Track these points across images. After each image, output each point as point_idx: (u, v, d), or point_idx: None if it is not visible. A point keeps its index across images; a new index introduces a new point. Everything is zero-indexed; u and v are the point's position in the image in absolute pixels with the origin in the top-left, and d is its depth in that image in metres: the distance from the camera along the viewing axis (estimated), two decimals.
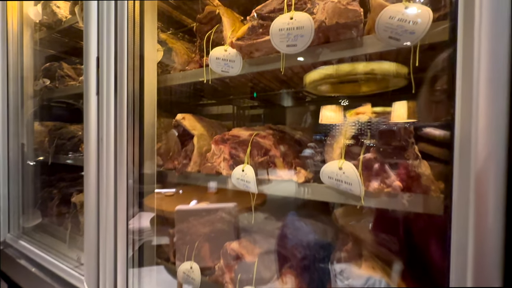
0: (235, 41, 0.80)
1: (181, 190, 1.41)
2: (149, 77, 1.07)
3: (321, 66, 0.84)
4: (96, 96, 1.04)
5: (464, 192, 0.47)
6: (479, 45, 0.47)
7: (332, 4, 0.64)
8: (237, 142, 0.89)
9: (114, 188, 0.97)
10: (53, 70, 1.59)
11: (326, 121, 1.49)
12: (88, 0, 1.05)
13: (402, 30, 0.61)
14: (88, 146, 1.04)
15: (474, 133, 0.46)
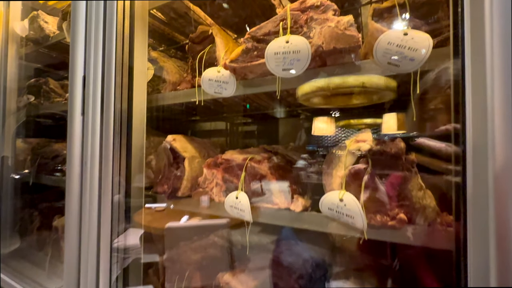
0: (228, 63, 0.77)
1: (172, 205, 1.34)
2: (138, 97, 1.02)
3: (313, 79, 0.82)
4: (81, 117, 0.98)
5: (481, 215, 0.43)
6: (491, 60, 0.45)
7: (329, 29, 0.62)
8: (231, 167, 0.85)
9: (97, 218, 0.90)
10: (39, 86, 1.53)
11: (319, 132, 1.46)
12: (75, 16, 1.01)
13: (402, 56, 0.59)
14: (70, 170, 0.97)
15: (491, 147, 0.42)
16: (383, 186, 0.60)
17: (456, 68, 0.49)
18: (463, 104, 0.46)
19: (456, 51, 0.50)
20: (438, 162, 0.64)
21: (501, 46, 0.44)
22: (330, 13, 0.64)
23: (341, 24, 0.61)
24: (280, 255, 0.97)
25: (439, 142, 0.66)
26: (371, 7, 0.69)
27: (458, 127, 0.48)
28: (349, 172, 0.61)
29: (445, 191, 0.61)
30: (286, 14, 0.69)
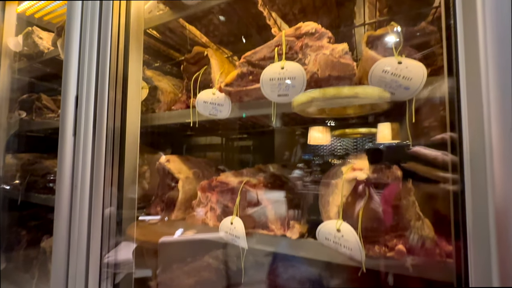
0: (224, 86, 0.76)
1: (166, 217, 1.30)
2: (132, 116, 1.00)
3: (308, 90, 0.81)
4: (72, 137, 0.96)
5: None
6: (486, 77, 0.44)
7: (324, 57, 0.62)
8: (225, 190, 0.83)
9: (86, 246, 0.86)
10: (31, 102, 1.50)
11: (314, 142, 1.45)
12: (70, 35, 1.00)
13: (396, 84, 0.59)
14: (60, 193, 0.94)
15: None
16: (381, 216, 0.59)
17: (451, 87, 0.49)
18: (459, 118, 0.46)
19: (450, 70, 0.50)
20: (435, 170, 0.63)
21: (495, 69, 0.43)
22: (325, 40, 0.64)
23: (335, 52, 0.61)
24: (276, 279, 0.94)
25: (435, 150, 0.65)
26: (366, 34, 0.70)
27: (455, 136, 0.48)
28: (346, 202, 0.60)
29: (441, 200, 0.60)
30: (281, 40, 0.69)
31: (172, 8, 1.01)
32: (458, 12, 0.47)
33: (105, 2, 0.98)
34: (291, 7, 1.00)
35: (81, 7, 1.02)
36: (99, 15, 0.98)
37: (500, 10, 0.43)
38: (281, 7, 1.00)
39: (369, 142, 1.47)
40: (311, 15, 1.05)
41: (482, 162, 0.42)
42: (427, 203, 0.64)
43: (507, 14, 0.43)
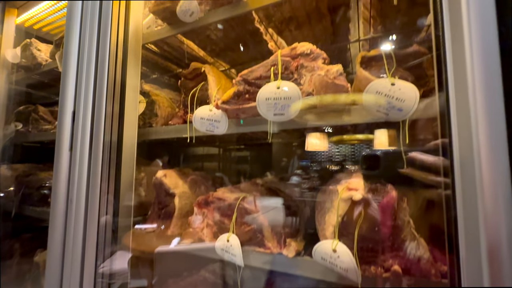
0: (220, 104, 0.77)
1: (163, 226, 1.29)
2: (129, 131, 1.01)
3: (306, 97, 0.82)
4: (68, 152, 0.96)
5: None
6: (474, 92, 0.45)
7: (319, 77, 0.64)
8: (222, 207, 0.83)
9: (81, 261, 0.85)
10: (27, 114, 1.50)
11: (312, 148, 1.46)
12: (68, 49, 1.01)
13: (390, 106, 0.60)
14: (55, 208, 0.93)
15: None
16: (377, 236, 0.59)
17: (442, 100, 0.51)
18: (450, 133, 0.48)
19: (441, 85, 0.51)
20: (431, 175, 0.63)
21: (482, 82, 0.45)
22: (320, 61, 0.65)
23: (330, 73, 0.62)
24: None
25: (432, 156, 0.66)
26: (359, 55, 0.72)
27: (446, 141, 0.49)
28: (342, 221, 0.60)
29: (436, 210, 0.61)
30: (277, 60, 0.71)
31: (170, 24, 1.03)
32: (447, 31, 0.49)
33: (103, 17, 0.99)
34: (287, 24, 1.02)
35: (79, 22, 1.03)
36: (98, 30, 0.99)
37: (485, 28, 0.45)
38: (278, 24, 1.02)
39: (366, 149, 1.48)
40: (307, 31, 1.07)
41: (471, 167, 0.44)
42: (423, 216, 0.65)
43: (492, 32, 0.45)
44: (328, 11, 0.95)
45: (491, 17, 0.46)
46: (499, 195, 0.42)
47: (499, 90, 0.44)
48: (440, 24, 0.51)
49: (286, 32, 1.07)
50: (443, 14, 0.51)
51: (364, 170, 1.31)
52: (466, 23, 0.47)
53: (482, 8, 0.46)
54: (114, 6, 1.00)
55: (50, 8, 1.66)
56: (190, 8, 0.84)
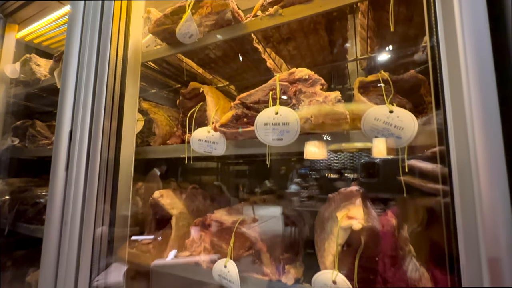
0: (218, 127, 0.77)
1: (160, 237, 1.26)
2: (126, 150, 1.00)
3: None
4: (65, 172, 0.95)
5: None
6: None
7: (317, 103, 0.64)
8: (219, 230, 0.81)
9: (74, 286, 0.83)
10: (24, 129, 1.49)
11: (311, 156, 1.45)
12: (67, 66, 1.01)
13: (388, 133, 0.60)
14: (49, 229, 0.91)
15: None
16: (377, 266, 0.58)
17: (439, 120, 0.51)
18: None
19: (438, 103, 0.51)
20: (430, 183, 0.62)
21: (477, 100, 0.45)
22: (318, 87, 0.66)
23: (328, 100, 0.62)
24: None
25: (430, 163, 0.65)
26: (357, 80, 0.72)
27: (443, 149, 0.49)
28: (341, 250, 0.59)
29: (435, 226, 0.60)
30: (276, 84, 0.71)
31: (170, 44, 1.04)
32: (442, 51, 0.50)
33: (103, 34, 1.00)
34: (286, 45, 1.03)
35: (79, 39, 1.04)
36: (97, 48, 1.00)
37: (479, 46, 0.46)
38: (276, 45, 1.03)
39: (365, 157, 1.48)
40: (305, 51, 1.08)
41: (469, 175, 0.44)
42: (423, 233, 0.64)
43: (486, 49, 0.46)
44: (325, 32, 0.96)
45: (485, 37, 0.46)
46: (497, 202, 0.42)
47: (495, 108, 0.44)
48: (436, 45, 0.52)
49: (284, 51, 1.08)
50: (438, 36, 0.51)
51: (363, 179, 1.30)
52: (461, 44, 0.48)
53: (476, 27, 0.47)
54: (114, 24, 1.01)
55: (50, 23, 1.68)
56: (189, 31, 0.85)
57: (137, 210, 1.19)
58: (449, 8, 0.50)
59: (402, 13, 0.83)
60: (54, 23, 1.65)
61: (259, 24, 0.86)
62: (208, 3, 0.88)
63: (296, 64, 1.20)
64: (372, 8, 0.84)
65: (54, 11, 1.54)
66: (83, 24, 1.04)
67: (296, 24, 0.90)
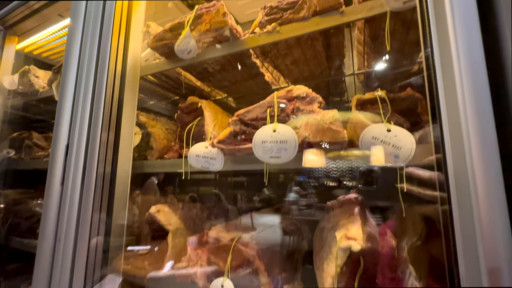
0: (216, 143, 0.76)
1: (156, 247, 1.23)
2: (123, 164, 0.99)
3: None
4: (60, 187, 0.93)
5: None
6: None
7: (315, 122, 0.64)
8: (216, 248, 0.80)
9: None
10: (21, 140, 1.48)
11: (309, 164, 1.45)
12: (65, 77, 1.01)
13: (387, 152, 0.60)
14: (42, 246, 0.89)
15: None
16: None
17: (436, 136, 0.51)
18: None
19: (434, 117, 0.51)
20: (428, 190, 0.62)
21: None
22: (316, 105, 0.66)
23: (326, 118, 0.62)
24: None
25: (429, 171, 0.64)
26: (355, 97, 0.73)
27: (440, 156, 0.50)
28: (340, 271, 0.58)
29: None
30: (273, 101, 0.71)
31: (168, 58, 1.04)
32: (437, 66, 0.50)
33: (102, 48, 1.00)
34: (283, 59, 1.04)
35: (78, 53, 1.04)
36: (96, 62, 1.00)
37: (473, 61, 0.47)
38: (274, 59, 1.04)
39: (364, 164, 1.47)
40: (302, 66, 1.09)
41: (466, 185, 0.44)
42: (422, 247, 0.63)
43: (481, 65, 0.46)
44: (323, 48, 0.98)
45: (479, 55, 0.47)
46: (495, 211, 0.42)
47: (489, 116, 0.44)
48: (431, 61, 0.53)
49: (282, 65, 1.09)
50: (433, 53, 0.52)
51: (362, 187, 1.29)
52: (456, 61, 0.48)
53: (469, 40, 0.48)
54: (113, 38, 1.01)
55: (50, 35, 1.69)
56: (188, 47, 0.86)
57: (133, 220, 1.18)
58: (442, 23, 0.51)
59: (397, 31, 0.84)
60: (54, 35, 1.66)
61: (257, 40, 0.87)
62: (207, 19, 0.89)
63: (294, 77, 1.21)
64: (368, 25, 0.85)
65: (54, 23, 1.55)
66: (83, 37, 1.05)
67: (293, 41, 0.91)
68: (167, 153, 0.99)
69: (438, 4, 0.54)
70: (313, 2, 0.78)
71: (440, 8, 0.53)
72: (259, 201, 1.74)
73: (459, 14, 0.51)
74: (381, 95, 0.68)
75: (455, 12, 0.51)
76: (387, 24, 0.69)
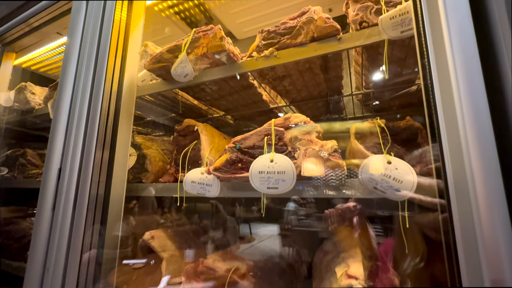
0: (212, 170, 0.74)
1: (153, 260, 1.18)
2: (117, 188, 0.96)
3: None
4: (51, 212, 0.90)
5: None
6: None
7: (313, 152, 0.62)
8: (212, 278, 0.77)
9: None
10: (15, 158, 1.45)
11: (308, 173, 1.42)
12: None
13: (387, 185, 0.58)
14: (29, 275, 0.86)
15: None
16: None
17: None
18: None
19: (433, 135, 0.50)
20: (428, 198, 0.59)
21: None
22: (314, 135, 0.64)
23: (325, 149, 0.61)
24: None
25: (429, 178, 0.62)
26: (353, 126, 0.71)
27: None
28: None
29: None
30: (271, 129, 0.69)
31: (165, 80, 1.03)
32: (436, 90, 0.50)
33: (98, 68, 0.99)
34: (281, 81, 1.03)
35: (75, 72, 1.03)
36: (92, 82, 0.99)
37: (471, 79, 0.46)
38: (272, 81, 1.03)
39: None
40: (300, 86, 1.09)
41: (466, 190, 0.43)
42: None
43: (478, 77, 0.46)
44: (320, 70, 0.97)
45: (476, 68, 0.47)
46: (495, 216, 0.41)
47: (488, 125, 0.43)
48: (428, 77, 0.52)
49: (280, 87, 1.09)
50: (433, 82, 0.51)
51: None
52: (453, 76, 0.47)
53: (467, 64, 0.48)
54: (110, 59, 1.01)
55: (48, 52, 1.69)
56: (185, 71, 0.85)
57: (128, 243, 1.14)
58: (441, 51, 0.50)
59: (395, 56, 0.84)
60: (52, 52, 1.66)
61: (254, 64, 0.86)
62: (204, 43, 0.88)
63: (291, 98, 1.20)
64: (366, 50, 0.85)
65: (52, 41, 1.55)
66: (79, 56, 1.04)
67: (291, 64, 0.91)
68: (163, 176, 0.96)
69: (436, 33, 0.53)
70: (310, 28, 0.77)
71: (439, 37, 0.52)
72: (257, 210, 1.70)
73: (458, 45, 0.50)
74: (380, 124, 0.67)
75: (453, 38, 0.50)
76: (385, 52, 0.69)
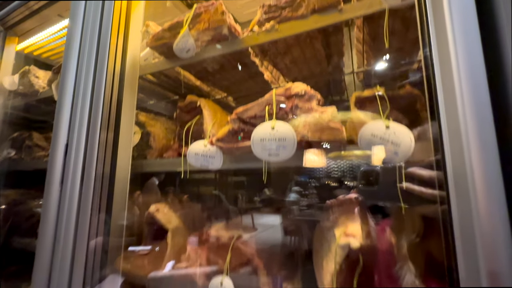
0: (215, 141, 0.76)
1: (157, 247, 1.23)
2: (122, 163, 0.99)
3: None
4: (59, 186, 0.93)
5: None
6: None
7: (314, 119, 0.63)
8: (216, 246, 0.80)
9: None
10: (21, 141, 1.48)
11: (310, 164, 1.45)
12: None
13: (386, 149, 0.60)
14: (41, 245, 0.89)
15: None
16: (377, 285, 0.57)
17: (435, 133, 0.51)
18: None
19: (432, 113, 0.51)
20: (429, 190, 0.61)
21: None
22: (314, 102, 0.66)
23: (325, 116, 0.62)
24: None
25: (430, 170, 0.64)
26: (354, 95, 0.72)
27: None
28: (340, 269, 0.57)
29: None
30: (272, 99, 0.71)
31: (168, 58, 1.04)
32: (436, 63, 0.50)
33: (101, 48, 1.00)
34: (282, 58, 1.04)
35: (77, 53, 1.04)
36: (95, 61, 1.00)
37: (472, 63, 0.47)
38: (273, 58, 1.04)
39: (365, 164, 1.48)
40: (301, 64, 1.09)
41: (465, 183, 0.44)
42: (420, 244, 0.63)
43: (480, 63, 0.46)
44: (322, 46, 0.98)
45: (477, 51, 0.47)
46: (495, 211, 0.42)
47: (489, 117, 0.44)
48: (430, 59, 0.53)
49: (281, 65, 1.09)
50: (431, 48, 0.52)
51: (363, 187, 1.29)
52: (454, 58, 0.48)
53: (468, 41, 0.48)
54: (112, 38, 1.01)
55: (50, 36, 1.69)
56: (187, 46, 0.86)
57: (133, 220, 1.18)
58: (441, 21, 0.51)
59: (397, 29, 0.84)
60: (54, 35, 1.66)
61: (255, 39, 0.87)
62: (206, 18, 0.89)
63: (293, 76, 1.21)
64: (367, 23, 0.85)
65: (54, 24, 1.55)
66: (82, 37, 1.05)
67: (292, 39, 0.91)
68: (167, 152, 0.98)
69: (436, 1, 0.53)
70: (311, 0, 0.78)
71: (439, 5, 0.53)
72: (259, 201, 1.74)
73: (457, 10, 0.51)
74: (380, 92, 0.68)
75: (453, 9, 0.51)
76: (386, 22, 0.69)
